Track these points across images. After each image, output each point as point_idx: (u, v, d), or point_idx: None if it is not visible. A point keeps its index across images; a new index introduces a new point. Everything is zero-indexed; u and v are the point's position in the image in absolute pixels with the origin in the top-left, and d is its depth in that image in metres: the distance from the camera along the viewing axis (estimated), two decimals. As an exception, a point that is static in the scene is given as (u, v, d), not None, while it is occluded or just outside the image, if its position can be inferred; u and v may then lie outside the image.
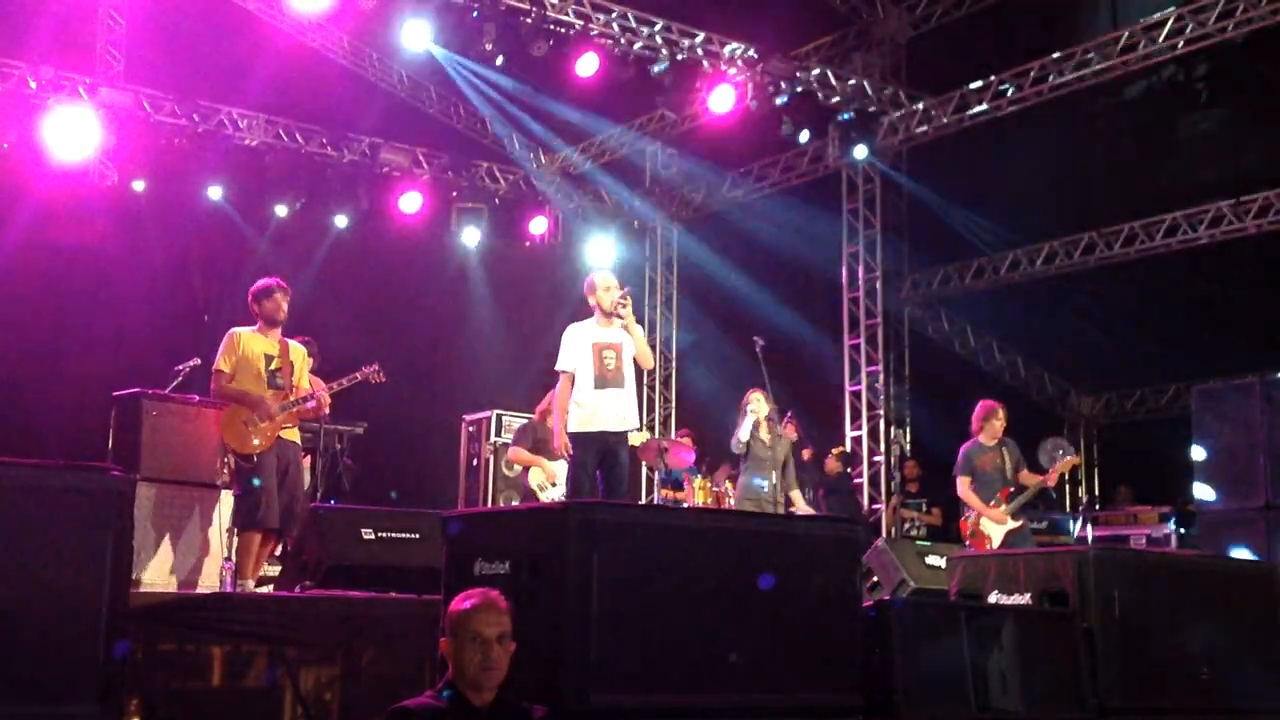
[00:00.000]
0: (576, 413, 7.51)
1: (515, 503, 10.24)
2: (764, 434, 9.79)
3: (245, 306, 7.70)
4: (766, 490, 9.65)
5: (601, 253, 16.24)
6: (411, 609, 5.70)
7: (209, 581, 7.73)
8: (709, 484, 11.63)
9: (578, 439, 7.48)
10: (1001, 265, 14.81)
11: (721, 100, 13.17)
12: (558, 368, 7.63)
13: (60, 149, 12.68)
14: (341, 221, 14.68)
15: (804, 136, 13.59)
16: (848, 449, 13.77)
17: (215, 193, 13.77)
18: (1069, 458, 10.03)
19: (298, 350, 7.74)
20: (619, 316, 7.56)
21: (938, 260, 15.24)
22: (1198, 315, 12.79)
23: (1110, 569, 5.40)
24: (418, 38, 12.19)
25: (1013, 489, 9.29)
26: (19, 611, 3.79)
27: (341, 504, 9.07)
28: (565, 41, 12.36)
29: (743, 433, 9.77)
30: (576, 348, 7.59)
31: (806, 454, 12.60)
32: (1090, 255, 14.05)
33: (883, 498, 13.55)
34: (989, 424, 9.41)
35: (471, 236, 15.58)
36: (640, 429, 12.73)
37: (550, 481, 9.37)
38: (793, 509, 9.74)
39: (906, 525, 12.77)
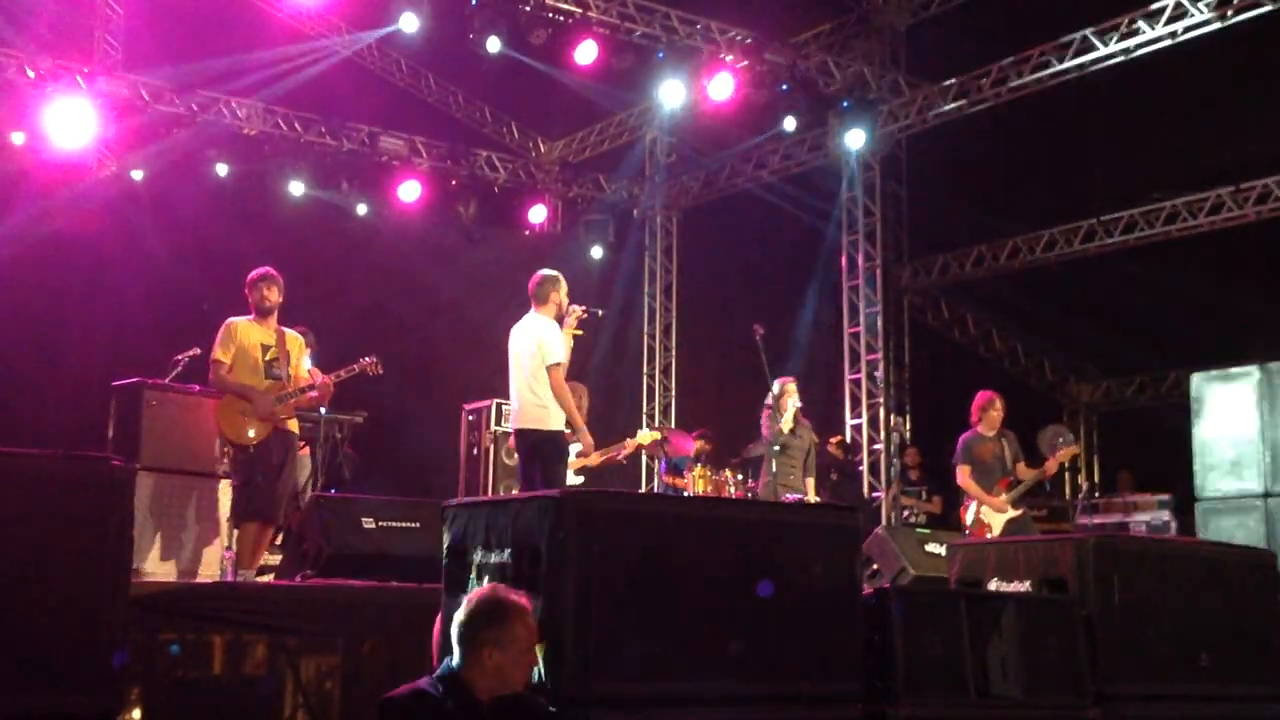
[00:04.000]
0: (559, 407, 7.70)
1: (515, 491, 10.24)
2: (793, 424, 9.86)
3: (243, 296, 7.70)
4: (794, 481, 9.72)
5: (600, 242, 16.21)
6: (412, 597, 5.71)
7: (210, 571, 7.74)
8: (708, 473, 11.62)
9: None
10: (1001, 253, 14.80)
11: (721, 88, 13.13)
12: (558, 360, 7.68)
13: (59, 138, 12.64)
14: (341, 210, 14.66)
15: (796, 124, 13.57)
16: (847, 438, 13.78)
17: (214, 182, 13.76)
18: (1069, 446, 10.04)
19: (295, 340, 7.72)
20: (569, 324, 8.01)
21: (937, 248, 15.23)
22: (1197, 302, 12.79)
23: (1109, 556, 5.41)
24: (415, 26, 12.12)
25: (1012, 479, 9.30)
26: (19, 601, 3.79)
27: (342, 493, 9.08)
28: (563, 29, 12.35)
29: (785, 423, 9.78)
30: (564, 342, 7.86)
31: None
32: (1090, 243, 14.05)
33: (883, 486, 13.56)
34: (987, 414, 9.43)
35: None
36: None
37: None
38: (805, 497, 9.80)
39: (905, 512, 12.77)
